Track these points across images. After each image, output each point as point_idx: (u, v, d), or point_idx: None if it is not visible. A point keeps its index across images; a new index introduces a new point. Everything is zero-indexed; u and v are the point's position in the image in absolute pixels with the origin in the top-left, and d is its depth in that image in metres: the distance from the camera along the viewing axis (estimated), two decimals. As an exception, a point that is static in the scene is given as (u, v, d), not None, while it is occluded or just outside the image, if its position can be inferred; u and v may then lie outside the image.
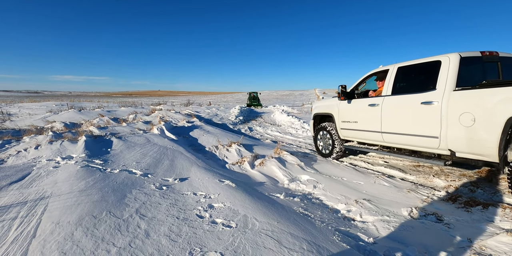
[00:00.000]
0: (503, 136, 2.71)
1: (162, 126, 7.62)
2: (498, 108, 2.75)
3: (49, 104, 22.21)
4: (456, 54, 3.35)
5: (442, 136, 3.30)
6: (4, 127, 9.07)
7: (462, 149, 3.17)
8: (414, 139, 3.65)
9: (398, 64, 4.10)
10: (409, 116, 3.69)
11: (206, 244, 2.15)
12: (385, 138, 4.11)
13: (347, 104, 4.84)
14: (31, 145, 5.40)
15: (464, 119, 3.05)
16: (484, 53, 3.45)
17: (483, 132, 2.89)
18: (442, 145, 3.33)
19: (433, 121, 3.37)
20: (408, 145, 3.81)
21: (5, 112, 15.35)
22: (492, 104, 2.80)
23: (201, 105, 25.06)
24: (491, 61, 3.55)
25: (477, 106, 2.93)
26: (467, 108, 3.03)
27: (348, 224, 2.68)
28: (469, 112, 3.00)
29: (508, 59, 3.62)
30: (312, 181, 3.87)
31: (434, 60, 3.56)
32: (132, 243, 2.17)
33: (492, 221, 2.62)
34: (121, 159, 4.67)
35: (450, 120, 3.20)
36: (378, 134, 4.21)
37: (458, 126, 3.12)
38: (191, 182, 3.66)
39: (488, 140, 2.86)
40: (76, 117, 11.88)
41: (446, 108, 3.23)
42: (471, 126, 2.99)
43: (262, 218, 2.56)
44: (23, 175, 3.82)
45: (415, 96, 3.61)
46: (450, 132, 3.21)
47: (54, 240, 2.18)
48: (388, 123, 4.00)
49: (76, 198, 2.97)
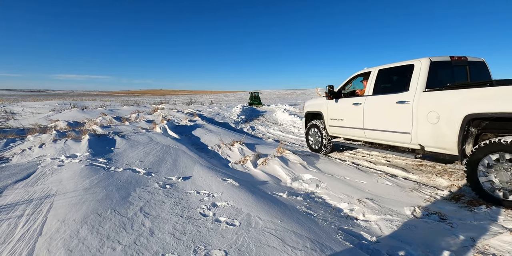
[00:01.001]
0: (461, 132, 3.08)
1: (165, 125, 7.65)
2: (456, 108, 3.11)
3: (52, 103, 22.33)
4: (426, 58, 3.72)
5: (413, 132, 3.66)
6: (8, 125, 9.14)
7: (429, 144, 3.54)
8: (390, 135, 4.04)
9: (379, 66, 4.46)
10: (387, 114, 4.06)
11: (210, 242, 2.17)
12: (366, 134, 4.49)
13: (334, 103, 5.22)
14: (36, 144, 5.45)
15: (431, 117, 3.41)
16: (453, 57, 3.84)
17: (445, 129, 3.25)
18: (413, 140, 3.70)
19: (406, 119, 3.72)
20: (386, 140, 4.20)
21: (8, 111, 15.46)
22: (452, 104, 3.16)
23: (203, 104, 25.11)
24: (460, 65, 3.97)
25: (441, 105, 3.30)
26: (433, 107, 3.38)
27: (351, 223, 2.69)
28: (435, 111, 3.36)
29: (476, 62, 4.04)
30: (314, 180, 3.88)
31: (408, 64, 3.91)
32: (137, 241, 2.19)
33: (496, 221, 2.62)
34: (125, 157, 4.70)
35: (419, 118, 3.55)
36: (361, 131, 4.59)
37: (426, 123, 3.48)
38: (194, 180, 3.68)
39: (449, 136, 3.23)
40: (79, 116, 11.94)
41: (416, 107, 3.58)
42: (436, 123, 3.35)
43: (266, 216, 2.57)
44: (28, 174, 3.86)
45: (392, 96, 3.98)
46: (419, 128, 3.57)
47: (60, 238, 2.21)
48: (369, 120, 4.39)
49: (81, 196, 3.00)
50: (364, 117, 4.46)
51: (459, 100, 3.11)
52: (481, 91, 2.94)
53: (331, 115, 5.30)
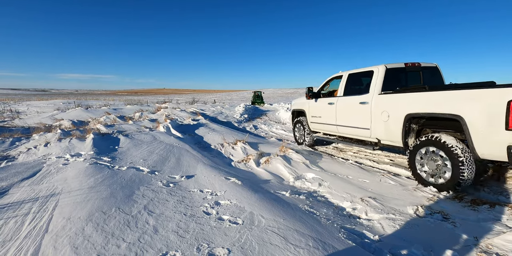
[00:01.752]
0: (403, 128, 3.74)
1: (168, 124, 7.69)
2: (400, 108, 3.75)
3: (56, 102, 22.51)
4: (383, 65, 4.31)
5: (372, 128, 4.31)
6: (13, 124, 9.25)
7: (383, 138, 4.19)
8: (356, 130, 4.69)
9: (349, 71, 5.07)
10: (353, 112, 4.71)
11: (214, 240, 2.19)
12: (339, 129, 5.18)
13: (314, 102, 5.87)
14: (41, 143, 5.51)
15: (383, 115, 4.05)
16: (407, 64, 4.41)
17: (393, 125, 3.90)
18: (372, 135, 4.34)
19: (366, 117, 4.35)
20: (353, 135, 4.85)
21: (14, 110, 15.62)
22: (397, 105, 3.82)
23: (206, 103, 25.17)
24: (413, 70, 4.56)
25: (390, 106, 3.94)
26: (385, 108, 4.02)
27: (354, 221, 2.70)
28: (386, 111, 3.99)
29: (429, 67, 4.61)
30: (317, 179, 3.88)
31: (369, 69, 4.51)
32: (141, 238, 2.22)
33: (499, 220, 2.61)
34: (129, 156, 4.74)
35: (375, 116, 4.19)
36: (334, 127, 5.27)
37: (380, 121, 4.12)
38: (197, 179, 3.70)
39: (395, 131, 3.88)
40: (83, 115, 12.04)
41: (373, 107, 4.21)
42: (387, 121, 3.99)
43: (268, 215, 2.59)
44: (34, 172, 3.91)
45: (357, 97, 4.58)
46: (375, 125, 4.22)
47: (66, 235, 2.25)
48: (340, 118, 5.06)
49: (86, 194, 3.04)
50: (337, 115, 5.14)
51: (401, 102, 3.77)
52: (415, 95, 3.58)
53: (312, 113, 5.96)
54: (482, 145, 2.96)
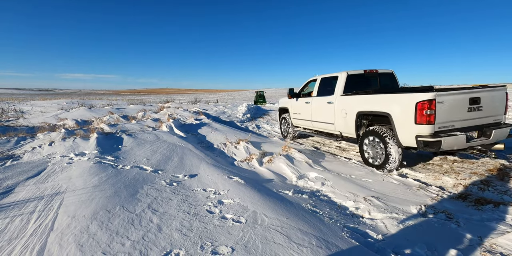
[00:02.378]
0: (356, 122, 4.66)
1: (171, 123, 7.72)
2: (353, 107, 4.68)
3: (60, 102, 22.65)
4: (345, 72, 5.23)
5: (335, 123, 5.24)
6: (18, 124, 9.33)
7: (343, 131, 5.12)
8: (325, 125, 5.63)
9: (322, 75, 5.92)
10: (322, 110, 5.61)
11: (217, 238, 2.20)
12: (313, 124, 6.08)
13: (295, 101, 6.72)
14: (45, 142, 5.56)
15: (343, 113, 4.97)
16: (366, 71, 5.36)
17: (349, 121, 4.81)
18: (336, 128, 5.29)
19: (332, 114, 5.29)
20: (323, 129, 5.78)
21: (18, 110, 15.74)
22: (352, 105, 4.74)
23: (208, 102, 25.20)
24: (372, 76, 5.51)
25: (347, 105, 4.87)
26: (344, 106, 4.95)
27: (357, 221, 2.70)
28: (344, 109, 4.92)
29: (385, 74, 5.59)
30: (320, 178, 3.88)
31: (335, 75, 5.41)
32: (145, 236, 2.23)
33: (503, 220, 2.60)
34: (132, 155, 4.77)
35: (337, 113, 5.12)
36: (310, 122, 6.17)
37: (341, 117, 5.04)
38: (200, 178, 3.72)
39: (351, 125, 4.79)
40: (87, 115, 12.11)
41: (336, 106, 5.13)
42: (345, 117, 4.92)
43: (271, 214, 2.59)
44: (39, 171, 3.94)
45: (326, 97, 5.50)
46: (337, 120, 5.16)
47: (71, 233, 2.27)
48: (314, 114, 5.96)
49: (90, 193, 3.07)
50: (311, 112, 6.03)
51: (354, 102, 4.70)
52: (363, 97, 4.53)
53: (294, 110, 6.85)
54: (403, 135, 3.84)
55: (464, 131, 3.71)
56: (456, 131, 3.69)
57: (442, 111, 3.56)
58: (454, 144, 3.61)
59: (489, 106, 3.93)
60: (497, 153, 4.78)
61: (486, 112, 3.91)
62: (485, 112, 3.91)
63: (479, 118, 3.89)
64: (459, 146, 3.68)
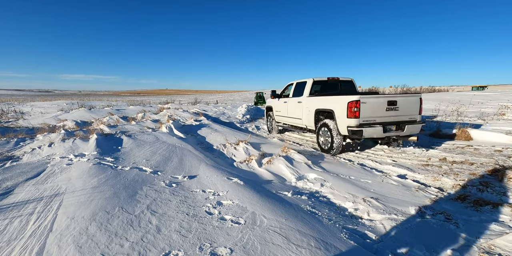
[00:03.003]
0: (315, 118, 5.98)
1: (171, 124, 7.72)
2: (313, 106, 6.00)
3: (60, 103, 22.66)
4: (312, 78, 6.60)
5: (302, 118, 6.53)
6: (18, 125, 9.33)
7: (307, 124, 6.43)
8: (296, 120, 6.94)
9: (296, 80, 7.23)
10: (295, 108, 6.91)
11: (216, 239, 2.21)
12: (289, 120, 7.38)
13: (277, 101, 8.07)
14: (45, 143, 5.56)
15: (307, 110, 6.26)
16: (329, 78, 6.76)
17: (311, 116, 6.10)
18: (303, 123, 6.60)
19: (300, 111, 6.60)
20: (295, 123, 7.07)
21: (18, 111, 15.74)
22: (313, 104, 6.06)
23: (208, 103, 25.21)
24: (334, 82, 6.87)
25: (310, 104, 6.16)
26: (308, 105, 6.24)
27: (356, 222, 2.70)
28: (308, 107, 6.23)
29: (345, 81, 7.00)
30: (319, 179, 3.89)
31: (305, 80, 6.73)
32: (144, 238, 2.24)
33: (502, 221, 2.60)
34: (131, 156, 4.77)
35: (304, 110, 6.42)
36: (287, 118, 7.44)
37: (306, 114, 6.33)
38: (199, 179, 3.72)
39: (311, 120, 6.10)
40: (87, 116, 12.11)
41: (303, 105, 6.46)
42: (308, 113, 6.22)
43: (270, 215, 2.60)
44: (38, 172, 3.95)
45: (297, 98, 6.82)
46: (304, 116, 6.45)
47: (70, 234, 2.27)
48: (289, 112, 7.24)
49: (89, 194, 3.07)
50: (288, 110, 7.31)
51: (314, 102, 6.06)
52: (319, 98, 5.94)
53: (276, 108, 8.16)
54: (340, 126, 5.12)
55: (383, 125, 4.92)
56: (376, 124, 4.94)
57: (365, 109, 4.84)
58: (373, 133, 4.86)
59: (405, 107, 5.14)
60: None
61: (402, 112, 5.14)
62: (401, 112, 5.13)
63: (396, 116, 5.12)
64: (378, 135, 4.91)
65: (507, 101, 13.32)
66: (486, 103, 13.14)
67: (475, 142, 6.01)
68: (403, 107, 5.10)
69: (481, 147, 5.46)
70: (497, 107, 11.07)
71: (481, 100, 14.30)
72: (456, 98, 15.14)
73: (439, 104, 12.21)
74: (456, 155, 4.97)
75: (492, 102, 13.53)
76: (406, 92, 7.20)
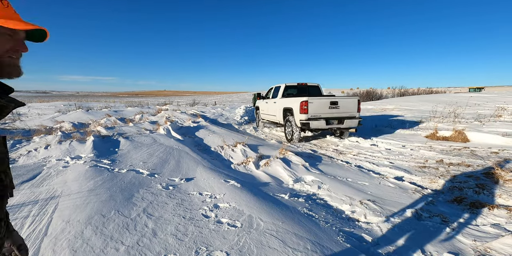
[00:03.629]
0: (283, 114, 7.50)
1: (168, 126, 7.71)
2: (282, 105, 7.56)
3: (57, 104, 22.56)
4: (284, 83, 8.24)
5: (276, 115, 8.06)
6: (14, 127, 9.27)
7: (279, 120, 7.96)
8: (272, 117, 8.53)
9: (275, 85, 8.86)
10: (272, 107, 8.50)
11: (212, 243, 2.20)
12: (268, 117, 8.99)
13: (262, 101, 9.73)
14: (41, 145, 5.53)
15: (279, 109, 7.72)
16: (299, 83, 8.43)
17: (281, 114, 7.57)
18: (277, 119, 8.16)
19: (275, 109, 8.13)
20: (272, 119, 8.66)
21: (15, 112, 15.64)
22: (282, 104, 7.56)
23: (206, 105, 25.18)
24: (303, 87, 8.54)
25: (281, 104, 7.62)
26: (280, 104, 7.72)
27: (353, 225, 2.70)
28: (280, 106, 7.69)
29: (312, 86, 8.64)
30: (316, 181, 3.88)
31: (280, 85, 8.41)
32: (140, 241, 2.22)
33: (498, 223, 2.61)
34: (128, 159, 4.75)
35: (277, 109, 7.88)
36: (268, 115, 9.03)
37: (278, 111, 7.82)
38: (196, 182, 3.71)
39: (281, 116, 7.64)
40: (84, 117, 12.06)
41: (277, 104, 7.96)
42: (280, 111, 7.67)
43: (267, 218, 2.59)
44: (34, 175, 3.92)
45: (274, 99, 8.41)
46: (277, 113, 7.95)
47: (65, 238, 2.25)
48: (269, 110, 8.79)
49: (85, 197, 3.05)
50: (268, 108, 8.90)
51: (283, 102, 7.55)
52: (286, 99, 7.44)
53: (261, 108, 9.81)
54: (296, 120, 6.73)
55: (326, 119, 6.57)
56: (321, 119, 6.57)
57: (312, 107, 6.48)
58: (318, 125, 6.52)
59: (345, 107, 6.70)
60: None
61: (342, 110, 6.70)
62: (342, 110, 6.70)
63: (338, 113, 6.69)
64: (322, 126, 6.57)
65: (503, 102, 13.39)
66: (482, 105, 13.21)
67: (472, 143, 6.04)
68: (343, 107, 6.67)
69: (478, 148, 5.49)
70: (494, 108, 11.13)
71: (477, 102, 14.37)
72: (453, 100, 15.20)
73: (436, 106, 12.26)
74: (453, 157, 4.99)
75: (488, 103, 13.61)
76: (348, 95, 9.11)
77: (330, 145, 6.69)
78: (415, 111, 12.55)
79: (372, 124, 9.22)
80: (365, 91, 26.31)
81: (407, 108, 14.01)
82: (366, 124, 8.94)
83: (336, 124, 6.62)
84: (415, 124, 8.79)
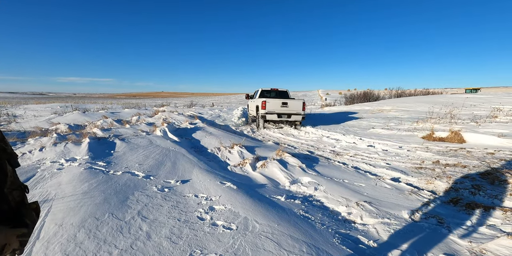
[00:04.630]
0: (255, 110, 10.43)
1: (165, 127, 7.67)
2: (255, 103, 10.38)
3: (53, 106, 22.40)
4: (261, 88, 11.24)
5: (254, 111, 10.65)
6: (9, 129, 9.19)
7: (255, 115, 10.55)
8: (253, 112, 10.77)
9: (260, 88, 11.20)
10: (253, 105, 10.71)
11: (207, 246, 2.18)
12: (252, 113, 11.24)
13: (249, 101, 12.04)
14: (36, 147, 5.47)
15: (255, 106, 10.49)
16: (272, 88, 11.20)
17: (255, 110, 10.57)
18: (254, 114, 10.65)
19: (254, 107, 10.53)
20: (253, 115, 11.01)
21: (10, 114, 15.52)
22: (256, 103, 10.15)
23: (204, 106, 25.14)
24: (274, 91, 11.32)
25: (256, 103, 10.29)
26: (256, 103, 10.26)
27: (349, 226, 2.69)
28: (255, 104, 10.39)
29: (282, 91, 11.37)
30: (313, 183, 3.87)
31: (258, 89, 11.35)
32: (133, 245, 2.20)
33: (494, 224, 2.61)
34: (124, 161, 4.71)
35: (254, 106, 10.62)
36: (251, 111, 11.32)
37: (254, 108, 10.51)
38: (192, 184, 3.68)
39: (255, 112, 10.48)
40: (80, 119, 11.99)
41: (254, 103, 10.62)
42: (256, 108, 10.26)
43: (263, 220, 2.57)
44: (28, 177, 3.87)
45: (255, 99, 10.81)
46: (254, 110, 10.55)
47: (57, 242, 2.22)
48: (252, 107, 11.15)
49: (79, 200, 3.01)
50: (251, 107, 11.22)
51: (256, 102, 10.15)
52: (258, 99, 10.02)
53: (250, 106, 11.96)
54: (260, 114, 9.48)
55: (278, 114, 9.34)
56: (274, 113, 9.32)
57: (269, 105, 9.25)
58: (272, 117, 9.32)
59: (293, 106, 9.35)
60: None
61: (291, 108, 9.35)
62: (290, 108, 9.35)
63: (287, 110, 9.35)
64: (275, 119, 9.36)
65: (499, 103, 13.48)
66: (478, 106, 13.29)
67: (468, 144, 6.06)
68: (291, 106, 9.37)
69: (474, 149, 5.51)
70: (490, 109, 11.20)
71: (473, 103, 14.46)
72: (450, 101, 15.29)
73: (433, 107, 12.32)
74: (449, 158, 5.00)
75: (484, 104, 13.69)
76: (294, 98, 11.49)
77: (327, 147, 6.69)
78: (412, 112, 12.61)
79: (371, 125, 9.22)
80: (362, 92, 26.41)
81: (404, 109, 14.07)
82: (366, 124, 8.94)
83: (285, 117, 9.44)
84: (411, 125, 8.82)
